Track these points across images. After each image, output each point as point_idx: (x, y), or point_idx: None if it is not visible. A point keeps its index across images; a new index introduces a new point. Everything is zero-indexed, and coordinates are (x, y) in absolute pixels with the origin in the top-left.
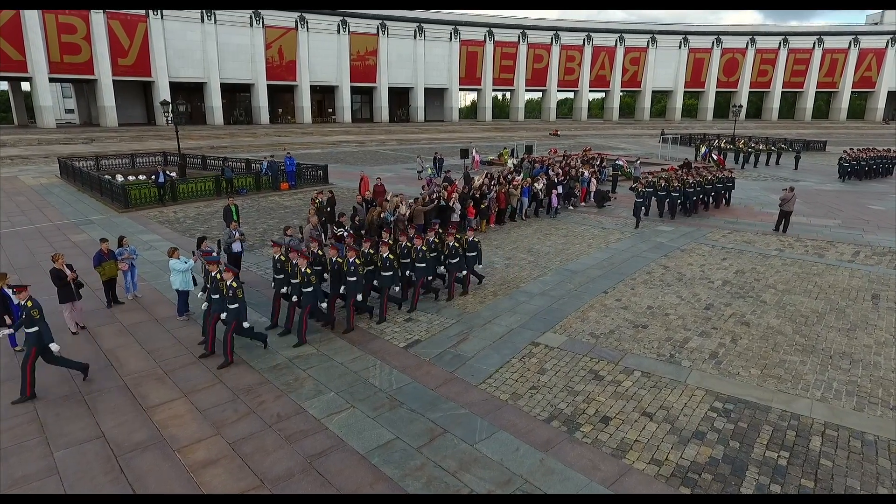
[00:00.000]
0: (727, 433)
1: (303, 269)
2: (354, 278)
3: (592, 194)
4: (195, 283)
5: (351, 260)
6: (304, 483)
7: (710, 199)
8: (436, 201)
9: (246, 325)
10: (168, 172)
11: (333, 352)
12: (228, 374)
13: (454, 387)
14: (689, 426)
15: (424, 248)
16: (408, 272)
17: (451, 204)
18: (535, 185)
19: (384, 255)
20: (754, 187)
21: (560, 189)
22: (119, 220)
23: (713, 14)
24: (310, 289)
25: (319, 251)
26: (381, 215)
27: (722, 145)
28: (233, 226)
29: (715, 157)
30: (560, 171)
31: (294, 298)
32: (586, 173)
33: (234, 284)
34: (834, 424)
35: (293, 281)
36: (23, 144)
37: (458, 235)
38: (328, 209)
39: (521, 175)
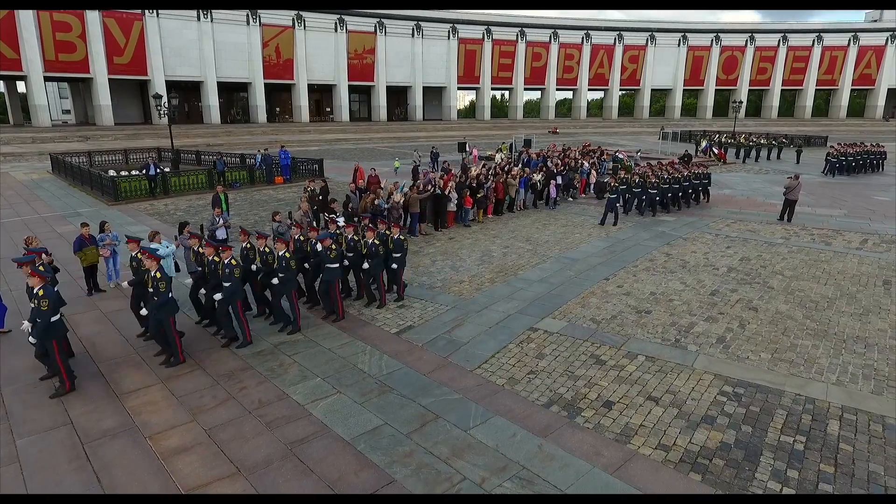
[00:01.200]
0: (738, 417)
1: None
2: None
3: (592, 185)
4: (177, 269)
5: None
6: (284, 470)
7: (697, 195)
8: (431, 189)
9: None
10: (160, 166)
11: (321, 337)
12: (209, 359)
13: (448, 372)
14: (697, 410)
15: (333, 246)
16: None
17: (447, 192)
18: (534, 175)
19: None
20: (757, 180)
21: (559, 180)
22: (108, 212)
23: (712, 13)
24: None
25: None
26: (375, 202)
27: (723, 140)
28: (216, 212)
29: (716, 151)
30: (559, 161)
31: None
32: (586, 164)
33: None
34: (852, 408)
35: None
36: (17, 142)
37: (385, 232)
38: (320, 197)
39: (520, 165)
